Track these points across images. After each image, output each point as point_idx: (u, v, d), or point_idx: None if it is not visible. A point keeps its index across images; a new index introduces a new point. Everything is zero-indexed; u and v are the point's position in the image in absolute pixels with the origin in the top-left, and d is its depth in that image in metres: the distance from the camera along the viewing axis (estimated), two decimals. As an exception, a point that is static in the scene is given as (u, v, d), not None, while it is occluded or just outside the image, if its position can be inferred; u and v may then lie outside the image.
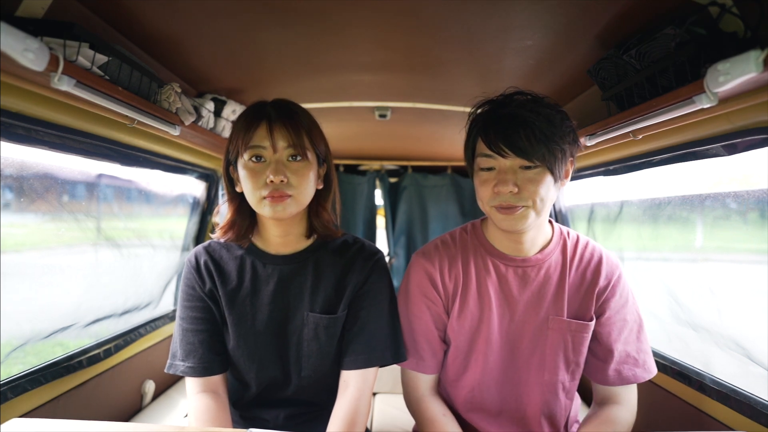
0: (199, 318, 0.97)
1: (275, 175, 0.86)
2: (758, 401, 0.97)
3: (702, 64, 0.80)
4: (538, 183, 0.87)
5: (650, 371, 0.99)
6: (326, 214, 1.01)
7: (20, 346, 1.15)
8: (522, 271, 0.99)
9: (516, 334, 0.99)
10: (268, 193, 0.87)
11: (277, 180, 0.86)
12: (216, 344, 0.97)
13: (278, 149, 0.88)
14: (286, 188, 0.87)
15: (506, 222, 0.90)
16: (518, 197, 0.87)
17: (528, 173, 0.87)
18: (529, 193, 0.87)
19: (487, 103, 0.94)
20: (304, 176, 0.90)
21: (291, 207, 0.89)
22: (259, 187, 0.88)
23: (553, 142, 0.85)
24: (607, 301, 0.98)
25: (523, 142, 0.84)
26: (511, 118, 0.87)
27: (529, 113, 0.86)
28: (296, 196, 0.89)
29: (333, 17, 0.98)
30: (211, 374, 0.95)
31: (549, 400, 0.99)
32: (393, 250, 2.82)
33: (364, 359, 0.95)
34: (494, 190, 0.88)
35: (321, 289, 0.98)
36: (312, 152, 0.92)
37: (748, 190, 1.07)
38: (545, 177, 0.87)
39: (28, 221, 1.18)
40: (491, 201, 0.90)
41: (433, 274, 1.01)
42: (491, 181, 0.90)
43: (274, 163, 0.88)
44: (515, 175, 0.87)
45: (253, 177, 0.88)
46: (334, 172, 1.01)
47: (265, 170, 0.87)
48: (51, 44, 0.78)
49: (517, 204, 0.88)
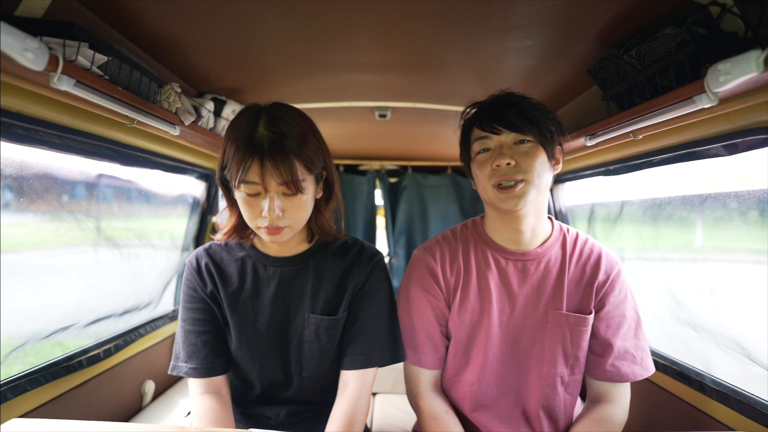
0: (201, 319, 0.97)
1: (270, 213, 0.84)
2: (758, 401, 0.97)
3: (702, 64, 0.80)
4: (533, 156, 0.92)
5: (648, 369, 1.00)
6: (325, 220, 1.00)
7: (20, 346, 1.15)
8: (522, 265, 1.01)
9: (516, 328, 1.00)
10: (265, 224, 0.86)
11: (272, 217, 0.85)
12: (218, 345, 0.97)
13: (271, 188, 0.84)
14: (281, 221, 0.86)
15: (508, 201, 0.92)
16: (516, 169, 0.91)
17: (522, 147, 0.93)
18: (526, 166, 0.91)
19: (478, 104, 1.02)
20: (299, 206, 0.87)
21: (287, 235, 0.89)
22: (256, 217, 0.86)
23: (542, 123, 0.93)
24: (606, 295, 0.99)
25: (514, 119, 0.92)
26: (502, 101, 0.96)
27: (517, 98, 0.96)
28: (293, 225, 0.88)
29: (333, 17, 0.98)
30: (214, 375, 0.95)
31: (548, 394, 1.00)
32: (393, 250, 2.81)
33: (363, 360, 0.96)
34: (492, 165, 0.93)
35: (322, 291, 0.98)
36: (309, 177, 0.88)
37: (748, 190, 1.07)
38: (539, 152, 0.93)
39: (28, 221, 1.18)
40: (490, 179, 0.94)
41: (435, 269, 1.03)
42: (488, 160, 0.94)
43: (269, 201, 0.84)
44: (511, 149, 0.93)
45: (249, 207, 0.86)
46: (335, 179, 0.98)
47: (260, 202, 0.85)
48: (50, 44, 0.78)
49: (516, 177, 0.91)
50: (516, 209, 0.93)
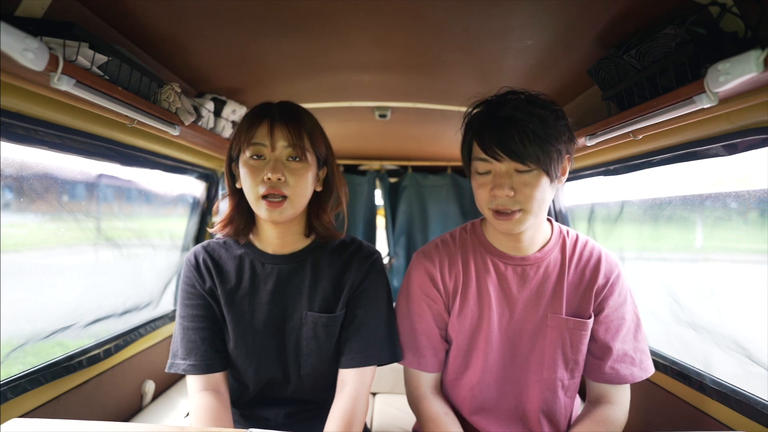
0: (200, 316, 0.97)
1: (273, 172, 0.87)
2: (758, 401, 0.97)
3: (702, 64, 0.80)
4: (534, 186, 0.87)
5: (647, 371, 1.00)
6: (326, 216, 1.01)
7: (20, 346, 1.15)
8: (521, 270, 1.00)
9: (515, 332, 1.00)
10: (266, 190, 0.88)
11: (275, 178, 0.87)
12: (217, 342, 0.97)
13: (277, 148, 0.90)
14: (283, 187, 0.89)
15: (504, 226, 0.92)
16: (514, 200, 0.88)
17: (523, 177, 0.88)
18: (525, 197, 0.88)
19: (482, 104, 0.94)
20: (301, 177, 0.91)
21: (287, 211, 0.90)
22: (257, 184, 0.89)
23: (548, 143, 0.86)
24: (606, 299, 0.99)
25: (517, 145, 0.85)
26: (505, 120, 0.87)
27: (522, 115, 0.86)
28: (292, 198, 0.90)
29: (333, 17, 0.98)
30: (213, 371, 0.95)
31: (548, 398, 1.00)
32: (393, 250, 2.81)
33: (361, 358, 0.96)
34: (491, 194, 0.90)
35: (319, 288, 0.99)
36: (312, 154, 0.93)
37: (748, 190, 1.07)
38: (541, 179, 0.88)
39: (28, 221, 1.18)
40: (488, 204, 0.92)
41: (434, 273, 1.02)
42: (488, 185, 0.91)
43: (273, 161, 0.89)
44: (511, 179, 0.88)
45: (252, 174, 0.89)
46: (337, 175, 1.02)
47: (264, 168, 0.89)
48: (51, 44, 0.78)
49: (514, 208, 0.89)
50: (512, 233, 0.94)
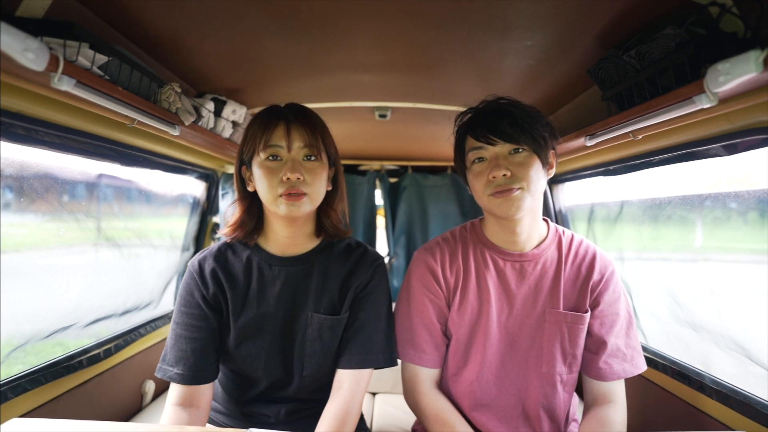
0: (194, 325, 0.96)
1: (292, 172, 0.89)
2: (758, 401, 0.97)
3: (702, 64, 0.81)
4: (528, 166, 0.93)
5: (638, 367, 1.02)
6: (335, 215, 1.04)
7: (20, 346, 1.15)
8: (519, 266, 1.03)
9: (514, 328, 1.02)
10: (285, 190, 0.90)
11: (294, 177, 0.89)
12: (208, 353, 0.96)
13: (294, 149, 0.92)
14: (302, 186, 0.91)
15: (504, 205, 0.94)
16: (512, 179, 0.93)
17: (517, 157, 0.94)
18: (522, 175, 0.93)
19: (471, 110, 1.02)
20: (318, 175, 0.93)
21: (306, 206, 0.92)
22: (275, 185, 0.90)
23: (535, 130, 0.94)
24: (601, 294, 1.02)
25: (508, 129, 0.93)
26: (495, 111, 0.97)
27: (510, 107, 0.96)
28: (311, 194, 0.92)
29: (333, 17, 0.98)
30: (198, 383, 0.94)
31: (548, 393, 1.01)
32: (393, 250, 2.81)
33: (359, 360, 0.97)
34: (489, 177, 0.94)
35: (326, 291, 1.00)
36: (325, 153, 0.96)
37: (748, 190, 1.08)
38: (534, 160, 0.94)
39: (28, 221, 1.18)
40: (486, 189, 0.96)
41: (435, 268, 1.05)
42: (484, 171, 0.96)
43: (291, 162, 0.91)
44: (506, 160, 0.94)
45: (270, 175, 0.91)
46: (342, 175, 1.05)
47: (282, 169, 0.91)
48: (51, 44, 0.78)
49: (512, 186, 0.92)
50: (512, 215, 0.95)
